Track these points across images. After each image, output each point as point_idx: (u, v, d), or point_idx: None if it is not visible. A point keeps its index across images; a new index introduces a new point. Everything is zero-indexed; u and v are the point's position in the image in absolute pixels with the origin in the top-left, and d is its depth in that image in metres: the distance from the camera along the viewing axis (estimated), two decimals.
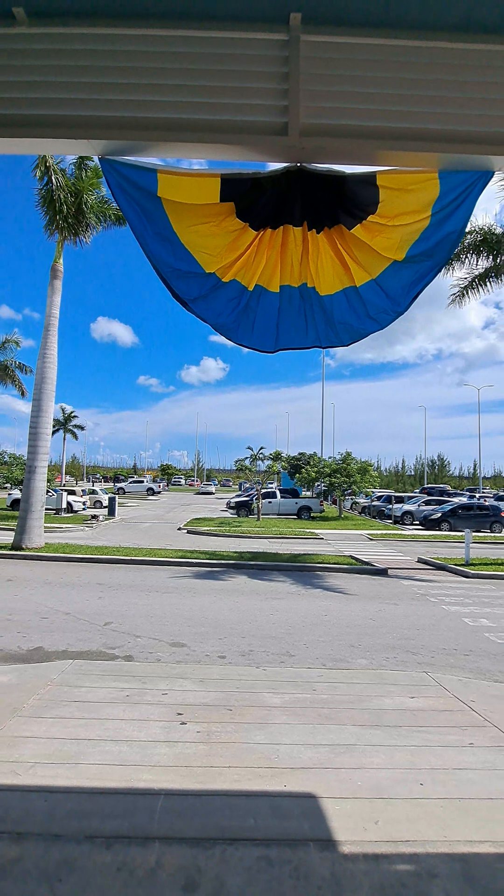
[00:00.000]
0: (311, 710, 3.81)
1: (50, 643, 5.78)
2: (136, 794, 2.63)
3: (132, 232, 2.08)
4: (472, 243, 13.75)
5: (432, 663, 5.53)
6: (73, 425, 54.48)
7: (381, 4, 1.83)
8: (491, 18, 1.82)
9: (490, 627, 7.16)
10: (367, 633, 6.65)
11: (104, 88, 1.98)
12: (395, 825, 2.45)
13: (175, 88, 1.98)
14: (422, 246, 2.13)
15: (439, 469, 71.60)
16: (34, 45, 1.95)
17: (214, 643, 6.01)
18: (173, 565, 11.55)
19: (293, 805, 2.59)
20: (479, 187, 2.06)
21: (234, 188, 2.06)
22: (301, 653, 5.77)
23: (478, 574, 11.37)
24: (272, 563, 12.03)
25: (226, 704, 3.86)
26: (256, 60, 1.97)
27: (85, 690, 4.00)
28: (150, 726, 3.44)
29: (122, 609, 7.45)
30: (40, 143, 2.05)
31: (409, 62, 1.93)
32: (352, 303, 2.29)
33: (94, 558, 11.69)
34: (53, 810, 2.48)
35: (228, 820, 2.46)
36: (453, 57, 1.92)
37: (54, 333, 13.44)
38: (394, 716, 3.75)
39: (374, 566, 11.95)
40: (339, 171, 2.09)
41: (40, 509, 13.00)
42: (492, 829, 2.44)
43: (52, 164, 12.76)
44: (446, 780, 2.87)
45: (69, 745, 3.11)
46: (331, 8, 1.85)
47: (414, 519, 24.60)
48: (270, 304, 2.30)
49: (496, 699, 4.17)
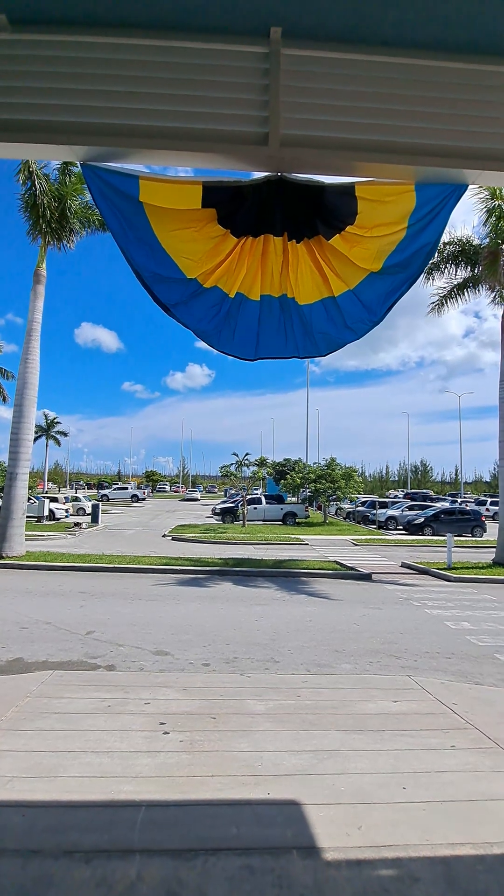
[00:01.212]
0: (295, 717, 3.80)
1: (30, 654, 5.65)
2: (117, 807, 2.58)
3: (113, 237, 2.08)
4: (452, 254, 14.10)
5: (415, 667, 5.57)
6: (56, 431, 53.75)
7: (358, 21, 1.89)
8: (460, 39, 1.88)
9: (471, 630, 7.26)
10: (352, 638, 6.67)
11: (86, 95, 1.99)
12: (378, 830, 2.46)
13: (157, 97, 2.00)
14: (397, 257, 2.17)
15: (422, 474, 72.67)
16: (16, 51, 1.94)
17: (198, 651, 5.96)
18: (157, 572, 11.43)
19: (276, 813, 2.58)
20: (454, 200, 2.12)
21: (215, 195, 2.08)
22: (286, 659, 5.76)
23: (459, 578, 11.53)
24: (257, 569, 12.01)
25: (209, 712, 3.82)
26: (238, 72, 2.00)
27: (65, 701, 3.92)
28: (132, 737, 3.38)
29: (104, 618, 7.34)
30: (21, 147, 2.04)
31: (386, 77, 1.98)
32: (330, 313, 2.32)
33: (77, 566, 11.51)
34: (31, 825, 2.42)
35: (211, 830, 2.43)
36: (428, 74, 1.98)
37: (37, 339, 13.29)
38: (377, 720, 3.76)
39: (359, 571, 12.02)
40: (319, 182, 2.13)
41: (21, 517, 12.76)
42: (472, 830, 2.46)
43: (35, 169, 12.68)
44: (429, 784, 2.88)
45: (48, 757, 3.04)
46: (310, 23, 1.90)
47: (398, 524, 24.84)
48: (251, 312, 2.32)
49: (477, 701, 4.22)
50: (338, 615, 8.05)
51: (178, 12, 1.89)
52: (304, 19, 1.88)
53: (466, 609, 8.68)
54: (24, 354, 13.19)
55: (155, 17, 1.90)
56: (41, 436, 51.02)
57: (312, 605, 8.79)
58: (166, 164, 2.14)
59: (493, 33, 1.86)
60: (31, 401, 13.17)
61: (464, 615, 8.19)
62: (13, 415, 13.11)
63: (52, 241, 13.63)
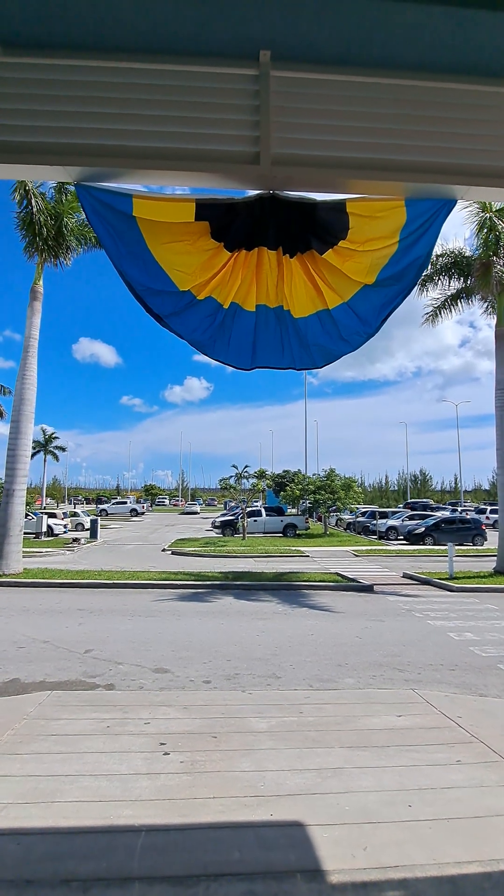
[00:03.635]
0: (297, 734, 3.73)
1: (27, 674, 5.56)
2: (116, 832, 2.51)
3: (106, 254, 2.10)
4: (445, 266, 14.30)
5: (419, 680, 5.50)
6: (54, 447, 53.62)
7: (346, 44, 1.94)
8: (445, 60, 1.94)
9: (475, 641, 7.18)
10: (354, 652, 6.59)
11: (80, 117, 2.02)
12: (384, 850, 2.40)
13: (150, 118, 2.04)
14: (390, 270, 2.20)
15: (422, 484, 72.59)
16: (10, 74, 1.98)
17: (199, 667, 5.87)
18: (157, 588, 11.32)
19: (279, 835, 2.51)
20: (444, 214, 2.15)
21: (208, 211, 2.11)
22: (287, 674, 5.68)
23: (461, 588, 11.44)
24: (258, 582, 11.90)
25: (210, 731, 3.75)
26: (229, 93, 2.04)
27: (63, 723, 3.84)
28: (132, 758, 3.31)
29: (103, 635, 7.24)
30: (15, 168, 2.07)
31: (374, 97, 2.02)
32: (325, 325, 2.34)
33: (75, 583, 11.39)
34: (27, 854, 2.35)
35: (212, 854, 2.37)
36: (415, 94, 2.03)
37: (34, 355, 13.35)
38: (381, 736, 3.70)
39: (360, 583, 11.92)
40: (311, 199, 2.17)
41: (18, 533, 12.67)
42: (479, 848, 2.40)
43: (31, 188, 12.87)
44: (434, 800, 2.82)
45: (45, 782, 2.97)
46: (298, 46, 1.95)
47: (398, 534, 24.73)
48: (246, 323, 2.33)
49: (482, 714, 4.15)
50: (340, 628, 7.96)
51: (170, 37, 1.94)
52: (292, 43, 1.93)
53: (469, 619, 8.60)
54: (21, 370, 13.22)
55: (147, 41, 1.95)
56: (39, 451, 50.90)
57: (314, 619, 8.70)
58: (159, 184, 2.18)
59: (477, 55, 1.91)
60: (28, 416, 13.18)
61: (467, 626, 8.11)
62: (10, 431, 13.10)
63: (49, 259, 13.77)
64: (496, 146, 2.02)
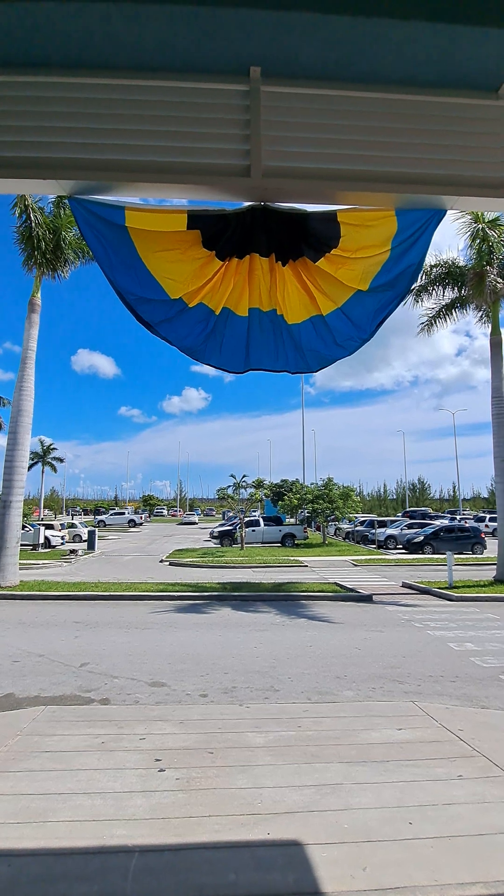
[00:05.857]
0: (295, 749, 3.66)
1: (21, 689, 5.47)
2: (109, 853, 2.45)
3: (98, 263, 2.11)
4: (439, 276, 14.44)
5: (419, 691, 5.42)
6: (52, 458, 53.51)
7: (334, 60, 1.97)
8: (431, 75, 1.97)
9: (475, 651, 7.11)
10: (353, 663, 6.51)
11: (73, 132, 2.05)
12: (384, 870, 2.34)
13: (142, 133, 2.06)
14: (384, 277, 2.21)
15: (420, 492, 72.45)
16: (3, 91, 2.01)
17: (196, 681, 5.79)
18: (154, 599, 11.21)
19: (277, 855, 2.45)
20: (434, 224, 2.17)
21: (200, 221, 2.12)
22: (286, 687, 5.60)
23: (461, 597, 11.36)
24: (256, 593, 11.80)
25: (207, 747, 3.68)
26: (220, 108, 2.07)
27: (57, 739, 3.77)
28: (126, 775, 3.24)
29: (99, 648, 7.15)
30: (8, 182, 2.09)
31: (362, 111, 2.06)
32: (319, 331, 2.34)
33: (72, 595, 11.28)
34: (18, 876, 2.29)
35: (207, 876, 2.30)
36: (403, 107, 2.06)
37: (31, 366, 13.37)
38: (381, 750, 3.63)
39: (359, 593, 11.83)
40: (302, 210, 2.18)
41: (15, 545, 12.58)
42: (483, 868, 2.35)
43: (30, 202, 13.02)
44: (435, 817, 2.76)
45: (37, 801, 2.90)
46: (287, 63, 1.98)
47: (397, 543, 24.63)
48: (239, 327, 2.32)
49: (483, 727, 4.09)
50: (339, 639, 7.88)
51: (163, 54, 1.97)
52: (281, 59, 1.96)
53: (469, 629, 8.52)
54: (19, 382, 13.24)
55: (140, 58, 1.98)
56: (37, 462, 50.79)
57: (313, 630, 8.61)
58: (152, 196, 2.19)
59: (463, 69, 1.95)
60: (26, 428, 13.17)
61: (467, 636, 8.04)
62: (7, 442, 13.09)
63: (47, 272, 13.88)
64: (483, 157, 2.05)
